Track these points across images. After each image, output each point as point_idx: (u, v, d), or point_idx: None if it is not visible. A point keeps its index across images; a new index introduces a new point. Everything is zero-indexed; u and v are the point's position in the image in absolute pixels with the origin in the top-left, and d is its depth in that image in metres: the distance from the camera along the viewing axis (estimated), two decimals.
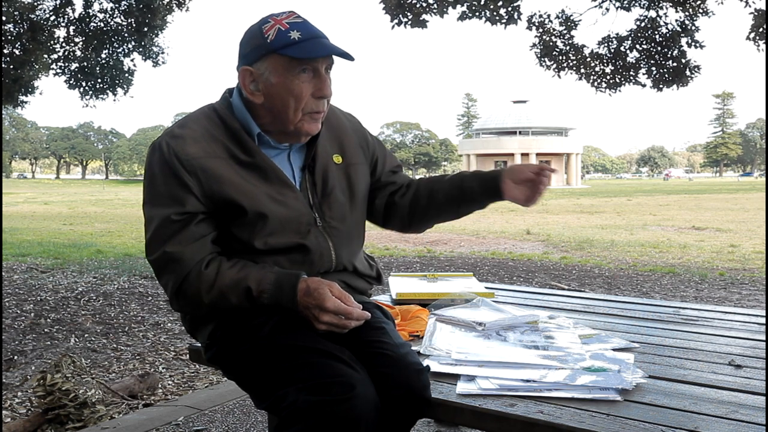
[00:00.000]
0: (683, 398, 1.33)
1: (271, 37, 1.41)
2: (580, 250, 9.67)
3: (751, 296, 5.82)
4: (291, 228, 1.48)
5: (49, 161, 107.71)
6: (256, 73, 1.45)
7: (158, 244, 1.43)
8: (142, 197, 1.49)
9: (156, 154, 1.45)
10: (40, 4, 8.01)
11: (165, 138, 1.46)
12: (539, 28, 8.32)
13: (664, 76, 8.17)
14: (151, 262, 1.46)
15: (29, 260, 8.19)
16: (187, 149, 1.42)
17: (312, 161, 1.54)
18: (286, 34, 1.41)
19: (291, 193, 1.49)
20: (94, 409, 2.71)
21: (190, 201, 1.42)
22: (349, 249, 1.59)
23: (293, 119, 1.45)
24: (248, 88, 1.46)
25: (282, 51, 1.40)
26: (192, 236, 1.42)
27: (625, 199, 27.54)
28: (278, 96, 1.44)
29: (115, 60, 8.75)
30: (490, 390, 1.37)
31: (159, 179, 1.43)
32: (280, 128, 1.49)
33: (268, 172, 1.48)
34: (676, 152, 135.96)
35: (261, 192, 1.45)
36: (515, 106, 64.85)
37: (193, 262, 1.41)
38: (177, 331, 4.48)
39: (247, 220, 1.44)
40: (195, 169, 1.41)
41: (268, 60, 1.43)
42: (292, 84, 1.43)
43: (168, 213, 1.41)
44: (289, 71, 1.42)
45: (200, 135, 1.45)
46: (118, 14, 8.29)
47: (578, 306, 2.26)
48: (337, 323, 1.40)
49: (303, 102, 1.44)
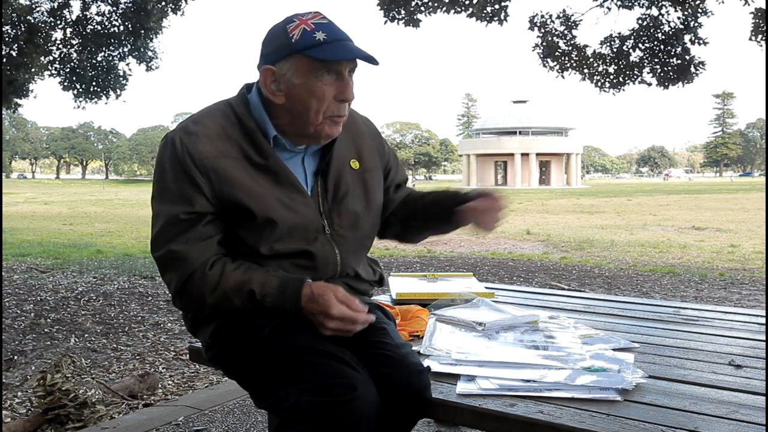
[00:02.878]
0: (683, 398, 1.33)
1: (296, 37, 1.38)
2: (580, 250, 9.67)
3: (751, 296, 5.82)
4: (298, 234, 1.46)
5: (49, 161, 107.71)
6: (278, 73, 1.41)
7: (164, 241, 1.42)
8: (151, 192, 1.47)
9: (168, 149, 1.42)
10: (38, 6, 8.02)
11: (179, 133, 1.43)
12: (541, 28, 8.32)
13: (669, 74, 8.13)
14: (156, 258, 1.45)
15: (29, 260, 8.19)
16: (200, 147, 1.40)
17: (326, 166, 1.51)
18: (312, 34, 1.38)
19: (301, 199, 1.47)
20: (94, 409, 2.71)
21: (199, 201, 1.40)
22: (356, 257, 1.58)
23: (314, 121, 1.42)
24: (269, 87, 1.43)
25: (306, 52, 1.37)
26: (198, 236, 1.41)
27: (625, 199, 27.54)
28: (300, 97, 1.41)
29: (109, 63, 8.76)
30: (490, 390, 1.37)
31: (170, 175, 1.41)
32: (298, 130, 1.46)
33: (281, 176, 1.45)
34: (676, 152, 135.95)
35: (272, 196, 1.43)
36: (515, 106, 64.82)
37: (197, 262, 1.40)
38: (177, 331, 4.48)
39: (255, 225, 1.42)
40: (207, 169, 1.39)
41: (292, 60, 1.39)
42: (314, 86, 1.39)
43: (176, 211, 1.40)
44: (313, 73, 1.39)
45: (214, 133, 1.43)
46: (116, 17, 8.29)
47: (578, 306, 2.26)
48: (342, 329, 1.39)
49: (325, 105, 1.41)
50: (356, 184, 1.55)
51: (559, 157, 61.98)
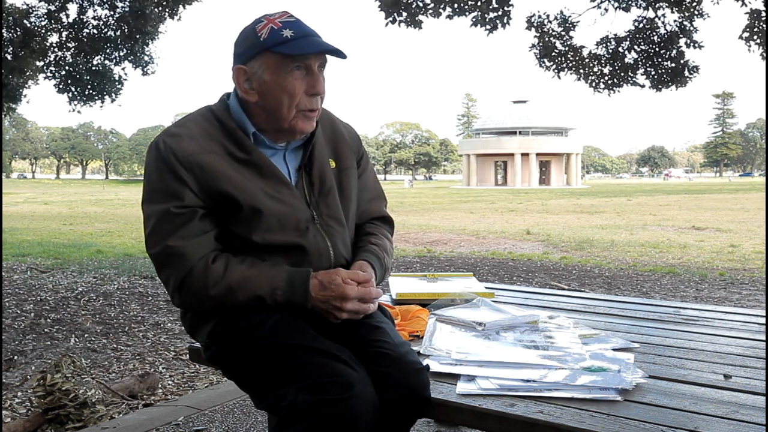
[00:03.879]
0: (683, 398, 1.33)
1: (264, 36, 1.43)
2: (580, 250, 9.67)
3: (751, 296, 5.82)
4: (290, 225, 1.48)
5: (49, 161, 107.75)
6: (249, 72, 1.46)
7: (159, 237, 1.43)
8: (141, 197, 1.50)
9: (153, 153, 1.46)
10: (35, 10, 8.01)
11: (162, 137, 1.47)
12: (538, 29, 8.33)
13: (663, 77, 8.17)
14: (152, 255, 1.46)
15: (29, 260, 8.19)
16: (183, 146, 1.44)
17: (309, 161, 1.55)
18: (279, 32, 1.42)
19: (287, 190, 1.50)
20: (94, 409, 2.71)
21: (187, 195, 1.42)
22: (345, 248, 1.60)
23: (287, 116, 1.46)
24: (242, 86, 1.48)
25: (274, 48, 1.42)
26: (195, 231, 1.43)
27: (625, 199, 27.54)
28: (272, 93, 1.45)
29: (105, 67, 8.76)
30: (490, 390, 1.37)
31: (156, 176, 1.45)
32: (274, 126, 1.50)
33: (264, 169, 1.49)
34: (676, 152, 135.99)
35: (256, 188, 1.46)
36: (515, 106, 64.80)
37: (196, 257, 1.42)
38: (177, 331, 4.47)
39: (242, 216, 1.45)
40: (191, 165, 1.42)
41: (262, 58, 1.44)
42: (285, 81, 1.44)
43: (167, 207, 1.42)
44: (282, 68, 1.43)
45: (197, 133, 1.47)
46: (113, 21, 8.29)
47: (578, 306, 2.26)
48: (359, 309, 1.45)
49: (296, 99, 1.45)
50: (335, 182, 1.60)
51: (559, 157, 61.96)
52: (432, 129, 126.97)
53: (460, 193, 39.93)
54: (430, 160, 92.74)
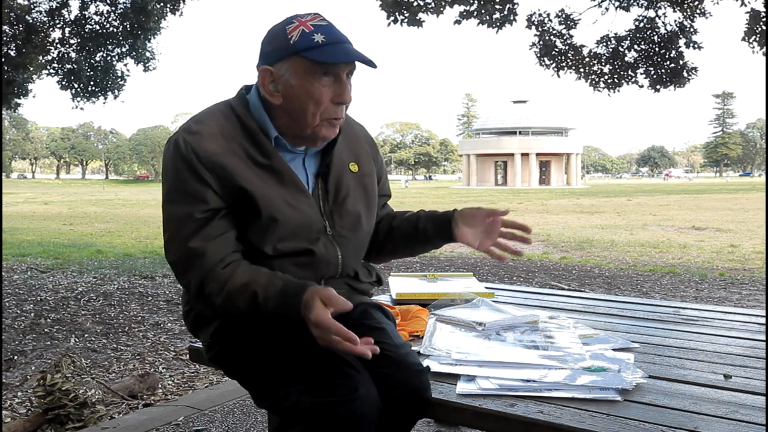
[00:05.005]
0: (683, 398, 1.33)
1: (295, 39, 1.38)
2: (580, 250, 9.67)
3: (751, 296, 5.82)
4: (301, 234, 1.45)
5: (49, 161, 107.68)
6: (276, 74, 1.41)
7: (181, 241, 1.38)
8: (161, 196, 1.46)
9: (173, 151, 1.41)
10: (37, 5, 8.01)
11: (182, 134, 1.42)
12: (539, 27, 8.33)
13: (662, 77, 8.18)
14: (173, 263, 1.41)
15: (29, 260, 8.19)
16: (205, 146, 1.39)
17: (326, 168, 1.51)
18: (310, 36, 1.37)
19: (305, 199, 1.46)
20: (94, 409, 2.71)
21: (211, 197, 1.38)
22: (356, 258, 1.58)
23: (311, 123, 1.42)
24: (267, 88, 1.43)
25: (304, 53, 1.37)
26: (215, 232, 1.38)
27: (625, 199, 27.53)
28: (297, 99, 1.40)
29: (107, 63, 8.75)
30: (490, 390, 1.37)
31: (175, 175, 1.40)
32: (296, 131, 1.45)
33: (285, 176, 1.44)
34: (676, 152, 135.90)
35: (277, 196, 1.42)
36: (515, 106, 64.80)
37: (215, 258, 1.37)
38: (177, 331, 4.48)
39: (258, 223, 1.41)
40: (214, 166, 1.38)
41: (290, 61, 1.39)
42: (312, 87, 1.39)
43: (190, 211, 1.37)
44: (310, 74, 1.38)
45: (217, 132, 1.42)
46: (115, 17, 8.29)
47: (578, 306, 2.26)
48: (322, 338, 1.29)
49: (322, 107, 1.40)
50: (356, 187, 1.56)
51: (559, 157, 61.97)
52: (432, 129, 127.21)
53: (460, 193, 39.92)
54: (430, 160, 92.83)
